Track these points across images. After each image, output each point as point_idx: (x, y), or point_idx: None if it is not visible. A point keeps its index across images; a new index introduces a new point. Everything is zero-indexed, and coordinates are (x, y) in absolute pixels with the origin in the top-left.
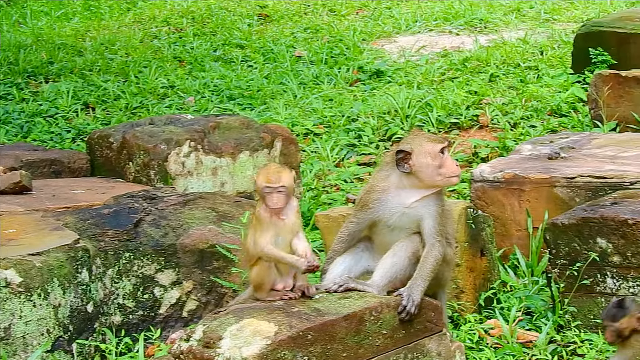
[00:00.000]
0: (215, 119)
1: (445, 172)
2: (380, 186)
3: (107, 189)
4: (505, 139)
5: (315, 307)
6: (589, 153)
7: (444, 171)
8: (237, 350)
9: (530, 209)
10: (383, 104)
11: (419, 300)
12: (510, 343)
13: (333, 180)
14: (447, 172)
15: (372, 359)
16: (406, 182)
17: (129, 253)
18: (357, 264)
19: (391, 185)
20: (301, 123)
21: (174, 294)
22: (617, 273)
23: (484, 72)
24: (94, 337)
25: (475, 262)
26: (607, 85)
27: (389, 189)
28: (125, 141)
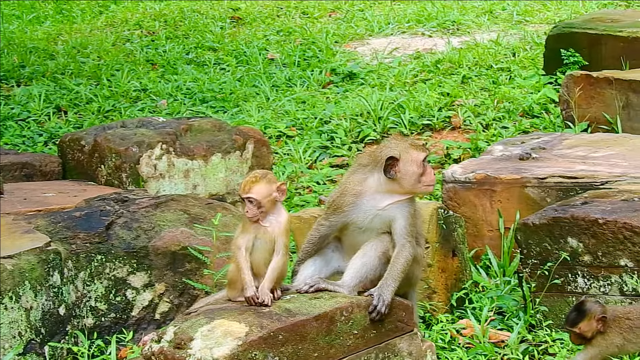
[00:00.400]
0: (187, 122)
1: (426, 181)
2: (356, 190)
3: (79, 192)
4: (478, 140)
5: (286, 307)
6: (560, 153)
7: (424, 179)
8: (208, 351)
9: (502, 209)
10: (356, 106)
11: (389, 300)
12: (482, 343)
13: (306, 183)
14: (427, 180)
15: (343, 358)
16: (385, 187)
17: (101, 256)
18: (328, 265)
19: (368, 189)
20: (274, 125)
21: (146, 296)
22: (587, 272)
23: (457, 73)
24: (66, 339)
25: (447, 263)
26: (579, 86)
27: (365, 193)
28: (96, 144)
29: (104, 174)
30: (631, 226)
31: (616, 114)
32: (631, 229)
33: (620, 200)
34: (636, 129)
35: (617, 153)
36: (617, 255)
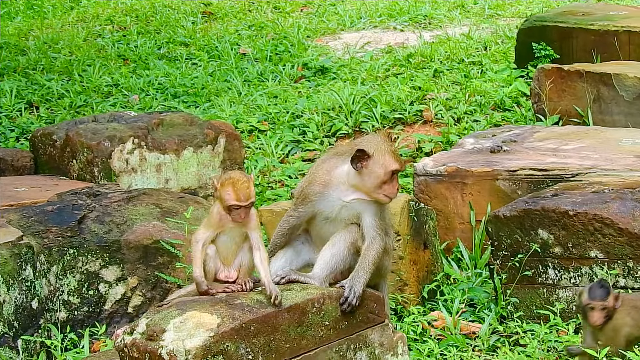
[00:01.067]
0: (158, 116)
1: (386, 190)
2: (323, 179)
3: (51, 186)
4: (449, 133)
5: (258, 299)
6: (531, 146)
7: (386, 188)
8: (180, 342)
9: (473, 202)
10: (327, 100)
11: (361, 292)
12: (454, 334)
13: (278, 177)
14: (387, 191)
15: (315, 350)
16: (351, 179)
17: (73, 249)
18: (298, 257)
19: (335, 179)
20: (246, 120)
21: (119, 290)
22: (558, 264)
23: (428, 67)
24: (39, 333)
25: (419, 255)
26: (550, 79)
27: (332, 183)
28: (68, 139)
29: (76, 168)
30: (601, 218)
31: (587, 107)
32: (601, 220)
33: (590, 192)
34: (607, 121)
35: (588, 145)
36: (587, 247)
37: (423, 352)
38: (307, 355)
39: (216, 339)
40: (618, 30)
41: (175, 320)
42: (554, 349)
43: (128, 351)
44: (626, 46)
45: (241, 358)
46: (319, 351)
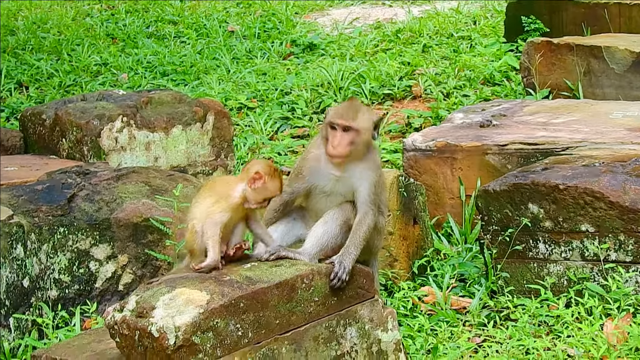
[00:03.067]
0: (147, 94)
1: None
2: (315, 153)
3: (41, 165)
4: (439, 108)
5: (247, 275)
6: (520, 120)
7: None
8: (170, 319)
9: (463, 177)
10: (316, 77)
11: (350, 267)
12: (444, 309)
13: (267, 154)
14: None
15: (305, 325)
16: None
17: (64, 228)
18: (290, 232)
19: (323, 152)
20: (235, 97)
21: (109, 268)
22: (548, 238)
23: (417, 43)
24: (30, 311)
25: (408, 231)
26: (540, 53)
27: (322, 156)
28: (57, 118)
29: (66, 147)
30: (592, 191)
31: (577, 80)
32: (592, 194)
33: (581, 166)
34: (597, 94)
35: (578, 119)
36: (578, 221)
37: (413, 328)
38: (296, 331)
39: (206, 316)
40: (608, 3)
41: (165, 297)
42: (545, 323)
43: (118, 328)
44: (617, 18)
45: (231, 334)
46: (309, 327)
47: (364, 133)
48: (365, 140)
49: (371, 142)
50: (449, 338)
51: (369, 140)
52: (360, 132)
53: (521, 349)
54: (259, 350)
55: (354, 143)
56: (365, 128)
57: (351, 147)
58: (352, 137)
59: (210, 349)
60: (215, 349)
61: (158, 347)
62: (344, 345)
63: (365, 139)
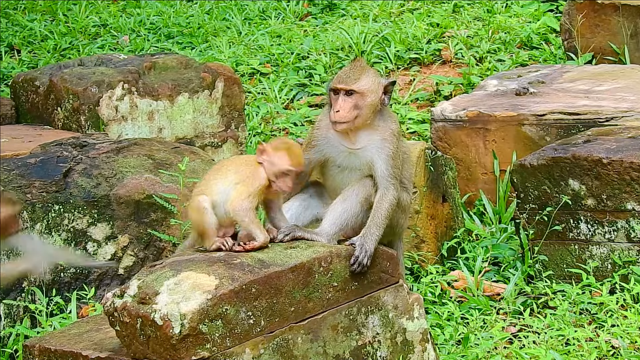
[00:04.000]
0: (150, 59)
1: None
2: (325, 122)
3: (34, 137)
4: (470, 74)
5: (259, 258)
6: (560, 87)
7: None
8: (175, 305)
9: (497, 150)
10: (336, 40)
11: (372, 250)
12: (476, 296)
13: (282, 124)
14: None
15: (322, 313)
16: None
17: (59, 206)
18: (306, 211)
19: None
20: (246, 62)
21: (109, 250)
22: (591, 217)
23: (447, 2)
24: (22, 297)
25: (437, 209)
26: (582, 13)
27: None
28: (52, 85)
29: (61, 117)
30: (639, 166)
31: (623, 44)
32: (639, 169)
33: (626, 138)
34: None
35: (624, 86)
36: (623, 198)
37: (442, 316)
38: (313, 319)
39: (214, 302)
40: None
41: (170, 282)
42: (587, 311)
43: (118, 316)
44: None
45: (242, 322)
46: (327, 314)
47: (369, 96)
48: (372, 104)
49: (385, 109)
50: (481, 327)
51: (376, 105)
52: (365, 95)
53: (560, 339)
54: (273, 340)
55: (359, 107)
56: (371, 90)
57: (355, 111)
58: (356, 101)
59: (219, 339)
60: (225, 338)
61: (162, 336)
62: (365, 334)
63: (372, 102)
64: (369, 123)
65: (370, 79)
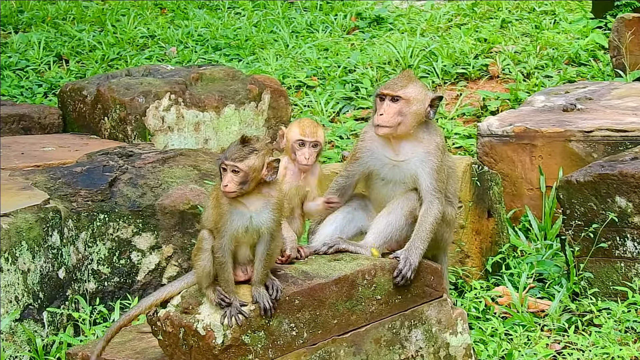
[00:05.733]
0: (197, 70)
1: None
2: (369, 134)
3: (80, 146)
4: (518, 90)
5: (303, 269)
6: (608, 104)
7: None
8: (217, 316)
9: (543, 165)
10: (383, 54)
11: (416, 264)
12: (520, 312)
13: (328, 137)
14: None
15: (365, 326)
16: None
17: (104, 215)
18: (350, 224)
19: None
20: (293, 75)
21: (153, 259)
22: (637, 235)
23: (495, 17)
24: (66, 305)
25: (482, 224)
26: (631, 30)
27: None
28: (99, 94)
29: (108, 126)
30: None
31: None
32: None
33: None
34: None
35: None
36: None
37: (486, 331)
38: (356, 332)
39: (257, 313)
40: None
41: None
42: (632, 329)
43: (161, 325)
44: None
45: (284, 334)
46: (370, 328)
47: (414, 104)
48: (417, 113)
49: (430, 122)
50: (525, 344)
51: (421, 115)
52: (411, 102)
53: (605, 357)
54: (315, 352)
55: (402, 114)
56: (417, 99)
57: (399, 118)
58: (401, 107)
59: (261, 350)
60: (267, 349)
61: (204, 346)
62: (408, 348)
63: (417, 111)
64: (413, 134)
65: (418, 89)
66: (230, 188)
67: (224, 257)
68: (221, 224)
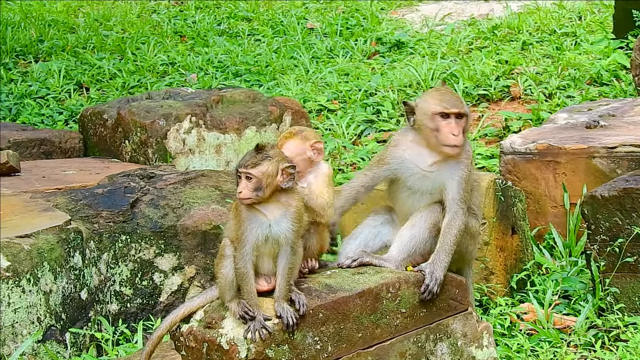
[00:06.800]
0: (218, 92)
1: (441, 139)
2: (398, 140)
3: (101, 169)
4: (540, 110)
5: (327, 283)
6: (631, 120)
7: (439, 137)
8: (241, 330)
9: (567, 182)
10: (404, 77)
11: (442, 278)
12: (546, 329)
13: (349, 159)
14: (442, 138)
15: (390, 340)
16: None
17: (126, 236)
18: (375, 238)
19: (406, 140)
20: (314, 99)
21: (175, 280)
22: None
23: (516, 40)
24: (88, 326)
25: (506, 241)
26: None
27: (405, 144)
28: (120, 118)
29: (129, 150)
30: None
31: None
32: None
33: None
34: None
35: None
36: None
37: (512, 348)
38: (381, 345)
39: (280, 327)
40: None
41: None
42: None
43: (184, 340)
44: None
45: (308, 348)
46: (395, 341)
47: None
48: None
49: None
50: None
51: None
52: (469, 118)
53: None
54: None
55: (465, 131)
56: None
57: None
58: (464, 125)
59: None
60: None
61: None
62: None
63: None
64: None
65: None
66: (244, 194)
67: (246, 267)
68: (241, 232)
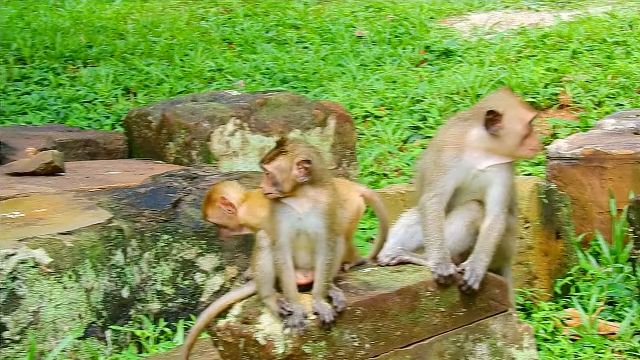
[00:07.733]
0: (263, 95)
1: (530, 144)
2: (455, 143)
3: (145, 170)
4: (588, 118)
5: (365, 280)
6: None
7: (528, 142)
8: (277, 326)
9: (613, 188)
10: (451, 84)
11: (482, 275)
12: (590, 334)
13: (395, 164)
14: (532, 144)
15: (429, 338)
16: (485, 144)
17: (168, 235)
18: (412, 238)
19: (468, 144)
20: (360, 105)
21: (217, 281)
22: None
23: (565, 48)
24: (129, 324)
25: (550, 245)
26: None
27: (464, 147)
28: (165, 119)
29: (173, 151)
30: None
31: None
32: None
33: None
34: None
35: None
36: None
37: (554, 352)
38: (419, 344)
39: (317, 323)
40: None
41: None
42: None
43: (221, 335)
44: None
45: (346, 345)
46: (433, 340)
47: None
48: None
49: None
50: None
51: None
52: None
53: None
54: None
55: None
56: None
57: None
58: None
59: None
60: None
61: (265, 356)
62: None
63: None
64: None
65: None
66: (265, 190)
67: (283, 257)
68: (274, 223)
